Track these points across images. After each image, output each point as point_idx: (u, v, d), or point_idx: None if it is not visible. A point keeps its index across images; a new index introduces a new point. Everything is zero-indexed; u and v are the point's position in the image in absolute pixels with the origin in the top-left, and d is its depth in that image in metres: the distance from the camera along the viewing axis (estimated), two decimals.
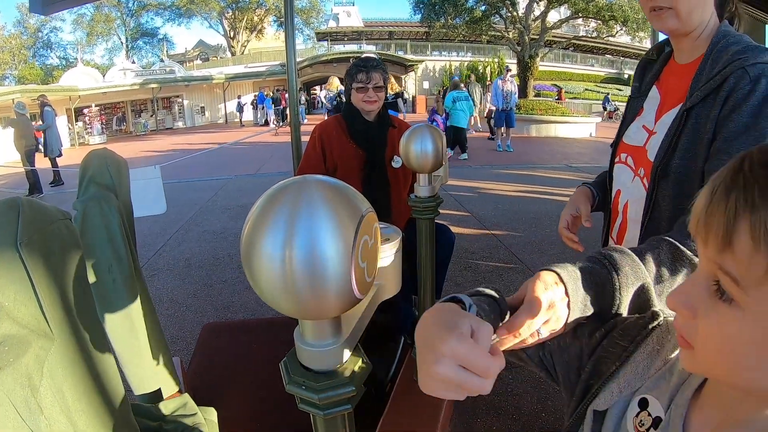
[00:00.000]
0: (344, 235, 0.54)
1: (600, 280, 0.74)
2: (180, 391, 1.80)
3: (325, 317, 0.60)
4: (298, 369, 0.65)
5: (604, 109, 23.60)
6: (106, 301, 1.52)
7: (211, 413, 1.71)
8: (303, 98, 22.21)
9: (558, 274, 0.71)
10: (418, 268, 1.98)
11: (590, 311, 0.73)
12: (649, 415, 0.60)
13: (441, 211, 1.95)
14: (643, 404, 0.61)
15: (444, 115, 11.29)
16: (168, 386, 1.76)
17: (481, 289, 0.71)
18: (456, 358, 0.51)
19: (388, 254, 0.80)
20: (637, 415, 0.61)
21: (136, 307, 1.59)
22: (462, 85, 12.97)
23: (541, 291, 0.69)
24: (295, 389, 0.64)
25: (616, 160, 1.39)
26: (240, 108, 25.71)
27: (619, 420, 0.64)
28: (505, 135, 12.24)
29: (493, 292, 0.70)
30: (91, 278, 1.46)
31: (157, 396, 1.70)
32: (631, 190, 1.27)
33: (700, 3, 1.13)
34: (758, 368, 0.45)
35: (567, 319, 0.71)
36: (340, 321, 0.64)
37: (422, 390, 0.54)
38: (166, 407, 1.60)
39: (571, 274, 0.72)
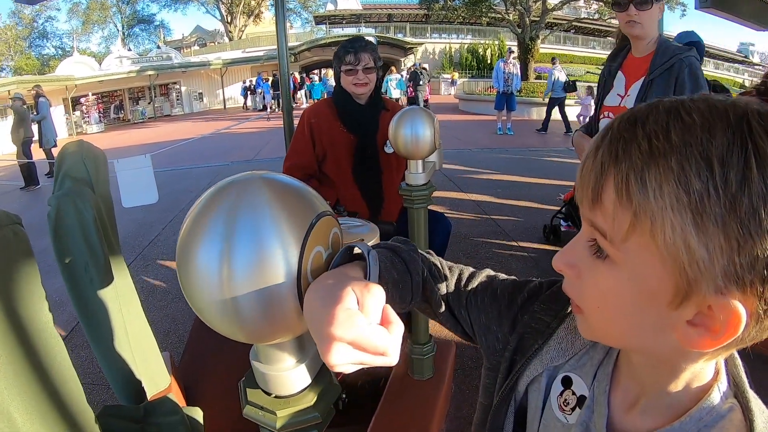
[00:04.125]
0: (288, 246, 0.45)
1: None
2: (168, 389, 1.75)
3: (272, 341, 0.52)
4: (256, 392, 0.57)
5: None
6: (84, 301, 1.45)
7: (197, 413, 1.64)
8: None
9: None
10: None
11: None
12: (573, 393, 0.59)
13: (439, 195, 1.86)
14: (567, 383, 0.60)
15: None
16: (154, 385, 1.70)
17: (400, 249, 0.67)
18: (346, 343, 0.46)
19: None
20: (561, 394, 0.60)
21: (115, 306, 1.52)
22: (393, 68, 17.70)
23: None
24: (253, 415, 0.56)
25: (601, 116, 2.34)
26: (245, 92, 25.10)
27: (545, 398, 0.62)
28: (505, 118, 12.11)
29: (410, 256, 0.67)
30: (68, 279, 1.39)
31: (141, 396, 1.63)
32: None
33: (653, 22, 2.08)
34: (637, 325, 0.46)
35: None
36: (302, 339, 0.56)
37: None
38: (148, 408, 1.53)
39: None
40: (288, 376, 0.55)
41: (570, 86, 11.94)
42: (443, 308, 0.73)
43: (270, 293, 0.45)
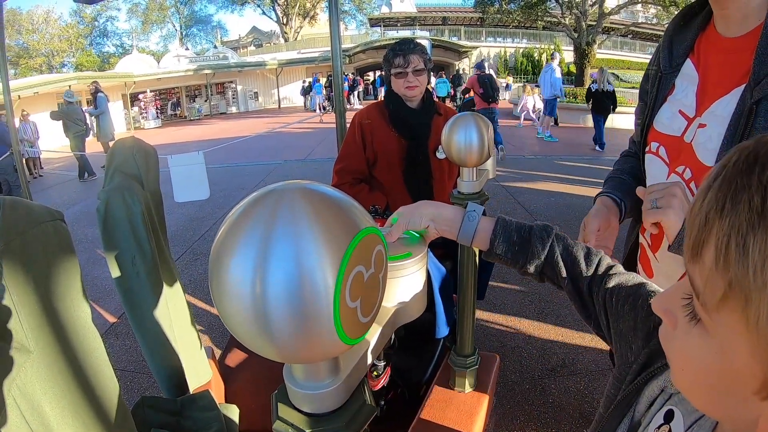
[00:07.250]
0: (327, 264, 0.42)
1: None
2: (210, 383, 1.76)
3: (307, 362, 0.49)
4: (287, 407, 0.54)
5: None
6: (130, 294, 1.48)
7: (233, 410, 1.65)
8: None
9: None
10: (458, 269, 1.84)
11: None
12: (670, 430, 0.53)
13: (491, 202, 1.80)
14: (669, 417, 0.54)
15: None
16: (197, 379, 1.72)
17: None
18: None
19: (410, 271, 0.68)
20: (659, 427, 0.54)
21: (162, 300, 1.54)
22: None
23: None
24: (282, 431, 0.53)
25: (647, 149, 1.20)
26: (305, 91, 24.11)
27: (646, 426, 0.57)
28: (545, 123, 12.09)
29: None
30: (116, 271, 1.42)
31: (183, 388, 1.65)
32: None
33: None
34: (719, 400, 0.39)
35: None
36: (337, 358, 0.53)
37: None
38: (185, 402, 1.55)
39: None
40: (321, 396, 0.52)
41: None
42: (571, 288, 0.78)
43: (305, 312, 0.42)
